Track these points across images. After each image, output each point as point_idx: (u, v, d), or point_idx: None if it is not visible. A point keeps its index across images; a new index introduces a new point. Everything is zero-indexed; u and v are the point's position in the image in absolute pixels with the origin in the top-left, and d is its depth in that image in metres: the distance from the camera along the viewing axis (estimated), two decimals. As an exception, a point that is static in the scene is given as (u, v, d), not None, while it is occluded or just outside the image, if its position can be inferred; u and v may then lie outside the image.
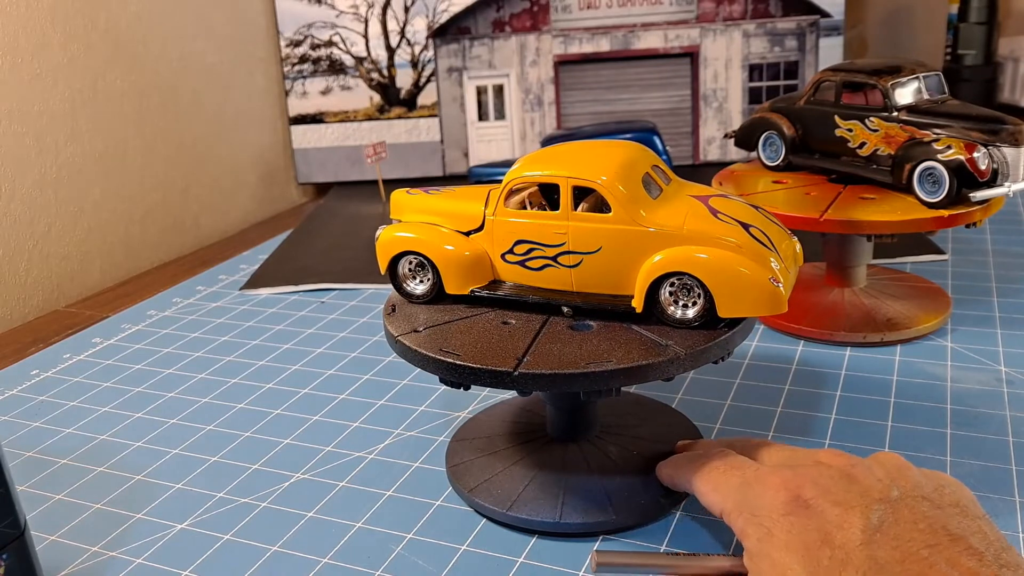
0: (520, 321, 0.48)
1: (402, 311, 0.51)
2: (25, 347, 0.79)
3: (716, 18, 1.15)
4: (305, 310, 0.82)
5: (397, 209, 0.54)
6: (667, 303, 0.46)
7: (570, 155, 0.50)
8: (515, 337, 0.46)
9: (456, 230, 0.51)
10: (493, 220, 0.49)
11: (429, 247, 0.50)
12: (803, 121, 0.73)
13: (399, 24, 1.19)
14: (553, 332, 0.47)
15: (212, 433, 0.61)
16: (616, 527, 0.48)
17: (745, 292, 0.44)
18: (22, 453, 0.60)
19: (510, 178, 0.49)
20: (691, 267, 0.45)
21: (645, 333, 0.46)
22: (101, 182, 0.98)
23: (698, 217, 0.46)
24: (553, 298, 0.48)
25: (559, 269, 0.48)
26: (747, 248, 0.45)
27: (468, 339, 0.47)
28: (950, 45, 1.20)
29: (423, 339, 0.47)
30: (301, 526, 0.50)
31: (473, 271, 0.50)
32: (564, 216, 0.47)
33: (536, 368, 0.43)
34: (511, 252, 0.49)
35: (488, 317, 0.49)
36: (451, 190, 0.53)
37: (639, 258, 0.46)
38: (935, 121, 0.65)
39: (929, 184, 0.64)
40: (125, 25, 0.99)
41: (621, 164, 0.47)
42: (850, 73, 0.70)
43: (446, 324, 0.49)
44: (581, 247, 0.47)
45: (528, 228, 0.48)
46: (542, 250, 0.48)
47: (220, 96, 1.14)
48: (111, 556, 0.48)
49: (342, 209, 1.13)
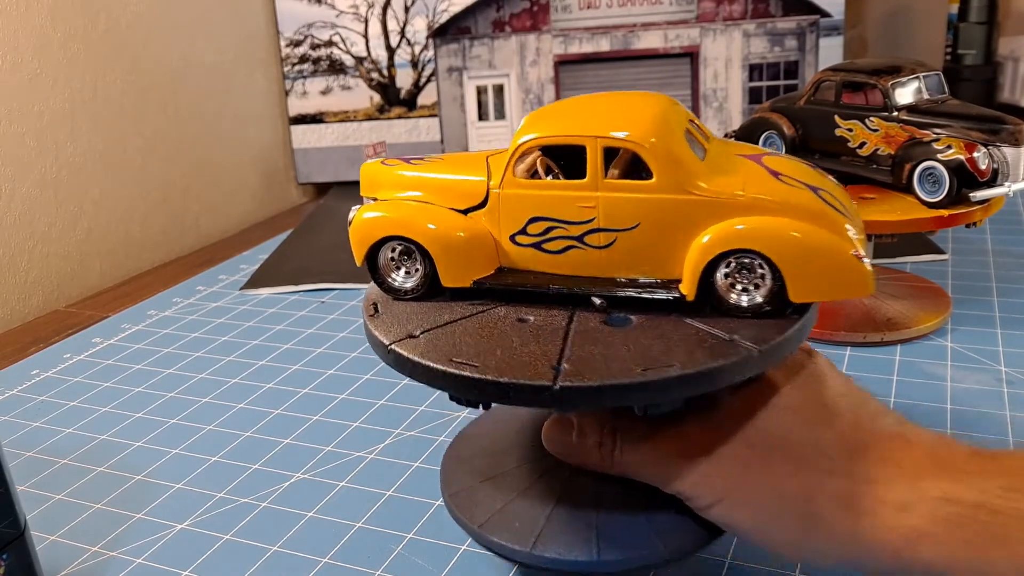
0: (540, 317, 0.40)
1: (388, 311, 0.42)
2: (25, 347, 0.79)
3: (716, 18, 1.15)
4: (305, 310, 0.82)
5: (370, 184, 0.44)
6: (724, 288, 0.38)
7: (590, 109, 0.42)
8: (540, 338, 0.38)
9: (450, 207, 0.42)
10: (500, 194, 0.40)
11: (418, 229, 0.41)
12: (803, 121, 0.73)
13: (399, 24, 1.19)
14: (585, 329, 0.38)
15: (212, 433, 0.61)
16: (666, 558, 0.39)
17: (824, 270, 0.37)
18: (22, 453, 0.60)
19: (520, 139, 0.40)
20: (758, 242, 0.37)
21: (701, 326, 0.38)
22: (101, 182, 0.98)
23: (758, 180, 0.39)
24: (580, 287, 0.40)
25: (586, 251, 0.39)
26: (822, 216, 0.37)
27: (482, 344, 0.38)
28: (950, 45, 1.20)
29: (424, 346, 0.38)
30: (301, 526, 0.50)
31: (475, 257, 0.41)
32: (593, 185, 0.39)
33: (580, 379, 0.35)
34: (523, 232, 0.40)
35: (498, 314, 0.40)
36: (438, 158, 0.45)
37: (688, 234, 0.38)
38: (935, 121, 0.65)
39: (929, 184, 0.64)
40: (125, 25, 0.99)
41: (659, 118, 0.39)
42: (850, 73, 0.70)
43: (448, 326, 0.40)
44: (615, 223, 0.39)
45: (546, 202, 0.40)
46: (564, 228, 0.39)
47: (220, 96, 1.14)
48: (111, 556, 0.48)
49: (342, 209, 1.13)
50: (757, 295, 0.38)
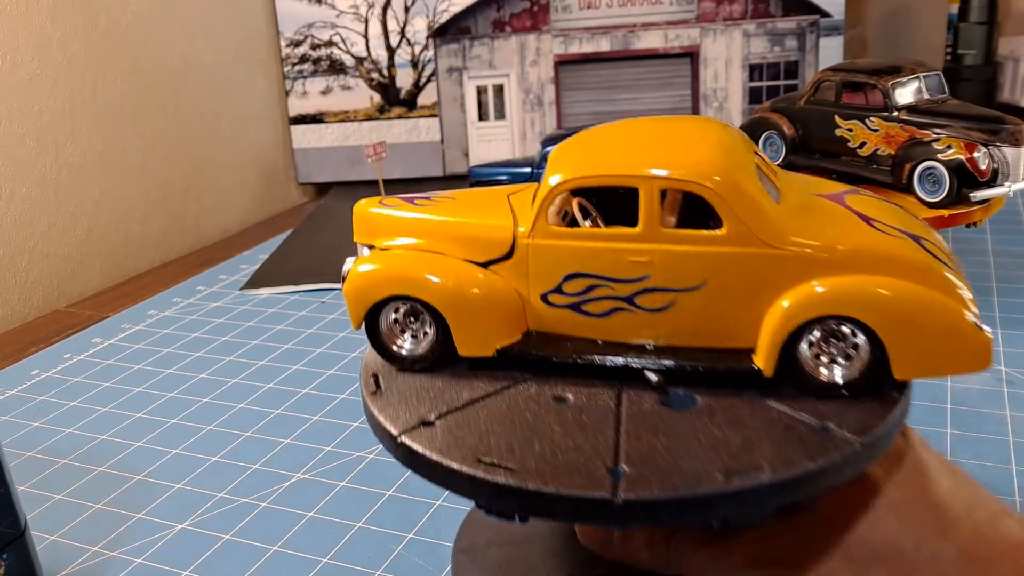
0: (581, 396, 0.33)
1: (393, 386, 0.35)
2: (25, 347, 0.79)
3: (716, 18, 1.15)
4: (305, 310, 0.82)
5: (366, 229, 0.38)
6: (809, 360, 0.32)
7: (635, 140, 0.35)
8: (587, 425, 0.31)
9: (466, 258, 0.35)
10: (530, 244, 0.34)
11: (428, 286, 0.34)
12: (803, 121, 0.73)
13: (399, 24, 1.19)
14: (640, 413, 0.32)
15: (212, 433, 0.61)
16: None
17: (935, 340, 0.31)
18: (22, 453, 0.60)
19: (559, 176, 0.33)
20: (856, 307, 0.31)
21: (784, 409, 0.31)
22: (101, 182, 0.98)
23: (850, 228, 0.32)
24: (630, 357, 0.33)
25: (636, 314, 0.33)
26: (929, 273, 0.31)
27: (515, 434, 0.31)
28: (950, 45, 1.20)
29: (444, 439, 0.31)
30: (301, 526, 0.50)
31: (498, 320, 0.34)
32: (647, 236, 0.32)
33: (647, 488, 0.28)
34: (558, 291, 0.34)
35: (528, 391, 0.33)
36: (448, 196, 0.38)
37: (766, 295, 0.32)
38: (935, 121, 0.65)
39: (929, 184, 0.64)
40: (125, 25, 0.99)
41: (723, 150, 0.33)
42: (850, 73, 0.70)
43: (469, 408, 0.33)
44: (674, 281, 0.32)
45: (588, 255, 0.33)
46: (610, 287, 0.33)
47: (220, 96, 1.14)
48: (111, 556, 0.48)
49: (342, 209, 1.13)
50: (851, 370, 0.32)
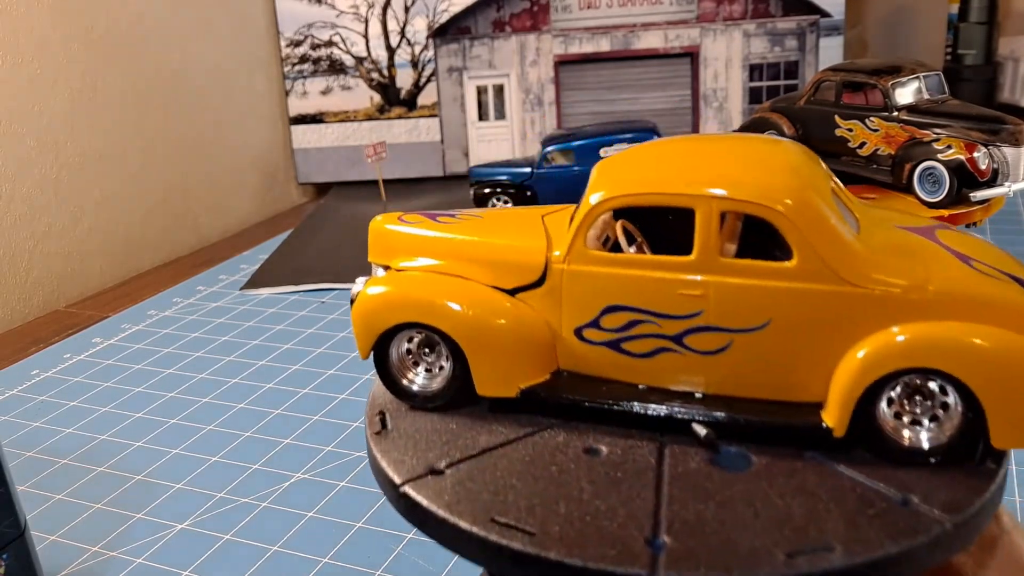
0: (616, 449, 0.28)
1: (401, 426, 0.31)
2: (25, 347, 0.79)
3: (716, 18, 1.15)
4: (305, 310, 0.82)
5: (382, 248, 0.34)
6: (888, 420, 0.27)
7: (692, 156, 0.31)
8: (621, 485, 0.26)
9: (491, 284, 0.31)
10: (565, 270, 0.29)
11: (445, 314, 0.30)
12: (803, 121, 0.73)
13: (399, 24, 1.19)
14: (686, 472, 0.27)
15: (212, 433, 0.61)
16: None
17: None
18: (22, 453, 0.60)
19: (601, 194, 0.29)
20: (951, 360, 0.26)
21: (857, 476, 0.26)
22: (101, 182, 0.98)
23: (943, 267, 0.28)
24: (675, 407, 0.28)
25: (685, 357, 0.28)
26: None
27: (537, 491, 0.26)
28: (950, 45, 1.20)
29: (453, 492, 0.27)
30: (301, 526, 0.50)
31: (524, 356, 0.30)
32: (703, 266, 0.28)
33: (694, 566, 0.23)
34: (594, 326, 0.29)
35: (556, 440, 0.29)
36: (475, 215, 0.34)
37: (840, 341, 0.27)
38: (935, 121, 0.65)
39: (929, 184, 0.64)
40: (125, 25, 0.99)
41: (796, 171, 0.29)
42: (850, 73, 0.70)
43: (486, 456, 0.28)
44: (732, 320, 0.28)
45: (631, 285, 0.28)
46: (656, 324, 0.28)
47: (220, 96, 1.14)
48: (111, 556, 0.48)
49: (342, 209, 1.13)
50: (939, 433, 0.27)
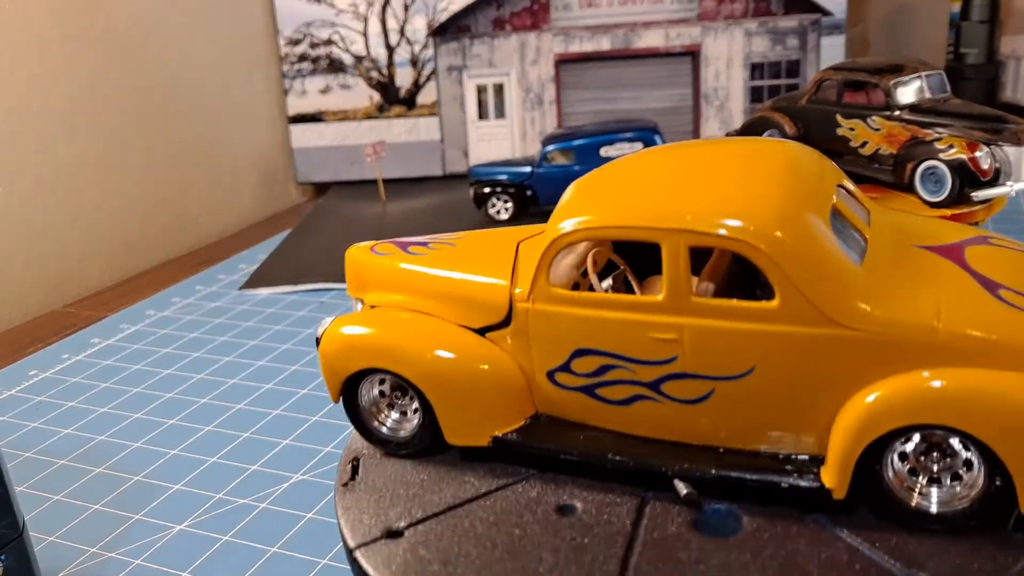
0: (592, 506, 0.26)
1: (371, 475, 0.29)
2: (23, 347, 0.78)
3: (717, 16, 1.15)
4: (304, 310, 0.81)
5: (356, 281, 0.32)
6: (899, 481, 0.24)
7: (677, 175, 0.27)
8: (586, 555, 0.24)
9: (459, 323, 0.28)
10: (531, 310, 0.26)
11: (409, 359, 0.28)
12: (805, 120, 0.72)
13: (399, 23, 1.19)
14: (663, 538, 0.24)
15: (211, 433, 0.60)
16: None
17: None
18: (20, 454, 0.60)
19: (561, 229, 0.26)
20: (965, 416, 0.22)
21: (858, 546, 0.23)
22: (100, 182, 0.97)
23: (962, 300, 0.24)
24: (656, 460, 0.25)
25: (665, 405, 0.25)
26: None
27: (490, 562, 0.24)
28: (952, 44, 1.20)
29: (402, 560, 0.25)
30: (301, 527, 0.50)
31: (495, 402, 0.27)
32: (673, 305, 0.24)
33: None
34: (566, 370, 0.27)
35: (529, 494, 0.26)
36: (450, 242, 0.31)
37: (837, 390, 0.23)
38: (937, 120, 0.65)
39: (931, 183, 0.64)
40: (124, 24, 0.99)
41: (787, 192, 0.24)
42: (852, 72, 0.70)
43: (450, 513, 0.26)
44: (710, 367, 0.24)
45: (599, 327, 0.25)
46: (629, 370, 0.25)
47: (219, 95, 1.13)
48: (110, 557, 0.48)
49: (341, 209, 1.13)
50: (958, 496, 0.23)
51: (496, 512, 0.26)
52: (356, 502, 0.28)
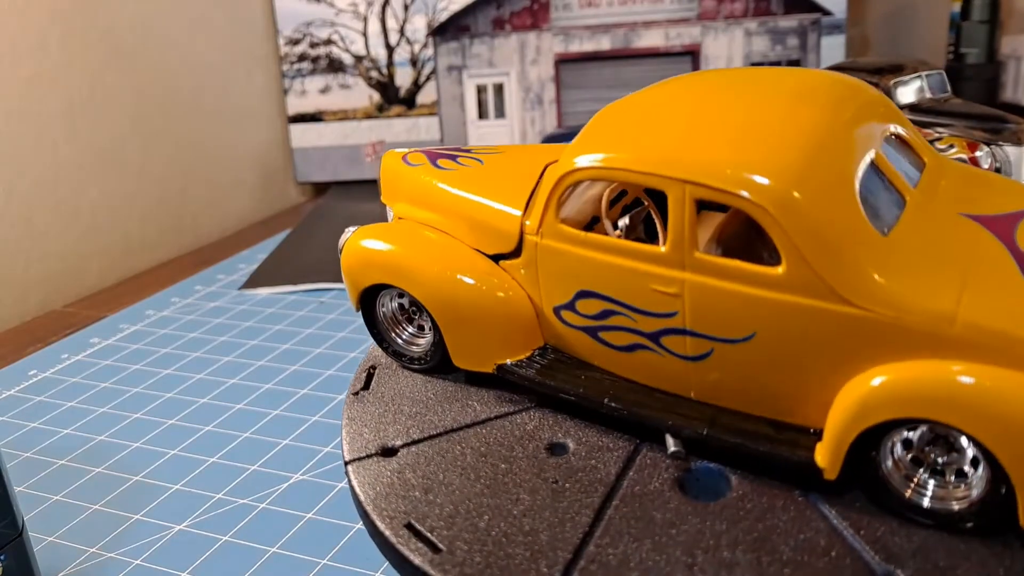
0: (582, 448, 0.25)
1: (380, 389, 0.30)
2: (23, 347, 0.78)
3: (717, 16, 1.15)
4: (304, 310, 0.81)
5: (390, 188, 0.32)
6: (896, 472, 0.22)
7: (700, 113, 0.24)
8: (562, 502, 0.23)
9: (475, 247, 0.27)
10: (539, 244, 0.25)
11: (418, 279, 0.27)
12: (805, 120, 0.72)
13: (398, 22, 1.19)
14: (641, 494, 0.23)
15: (211, 433, 0.60)
16: None
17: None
18: (20, 454, 0.60)
19: (571, 165, 0.25)
20: (970, 418, 0.20)
21: (841, 528, 0.21)
22: (99, 181, 0.97)
23: (993, 288, 0.21)
24: (649, 412, 0.24)
25: (665, 358, 0.24)
26: None
27: (469, 495, 0.24)
28: (952, 43, 1.20)
29: (388, 479, 0.25)
30: (300, 527, 0.50)
31: (502, 331, 0.27)
32: (676, 258, 0.23)
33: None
34: (571, 308, 0.26)
35: (526, 426, 0.26)
36: (482, 155, 0.30)
37: (841, 365, 0.22)
38: (937, 120, 0.64)
39: (932, 183, 0.64)
40: (124, 24, 0.99)
41: (815, 141, 0.22)
42: (852, 72, 0.69)
43: (445, 437, 0.26)
44: (711, 327, 0.23)
45: (601, 270, 0.24)
46: (630, 318, 0.24)
47: (219, 95, 1.13)
48: (109, 557, 0.48)
49: (341, 208, 1.13)
50: (957, 495, 0.21)
51: (489, 443, 0.25)
52: (361, 413, 0.28)
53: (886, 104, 0.25)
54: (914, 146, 0.25)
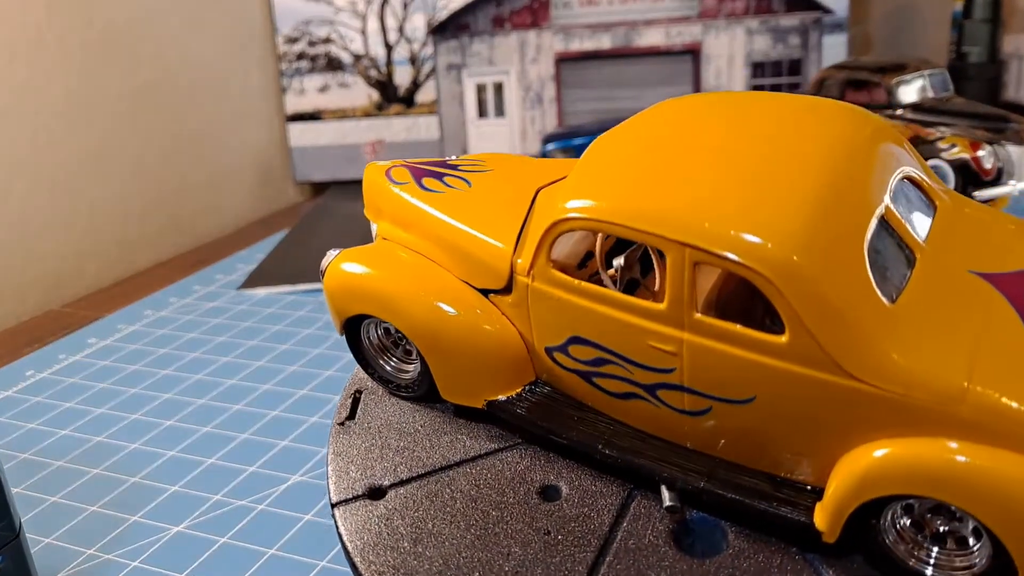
0: (575, 495, 0.24)
1: (367, 418, 0.28)
2: (20, 347, 0.78)
3: (718, 14, 1.15)
4: (303, 310, 0.81)
5: (372, 204, 0.30)
6: (899, 542, 0.21)
7: (702, 162, 0.23)
8: (555, 555, 0.22)
9: (463, 279, 0.26)
10: (530, 286, 0.24)
11: (403, 313, 0.26)
12: (806, 119, 0.72)
13: (398, 21, 1.18)
14: (635, 548, 0.22)
15: (209, 435, 0.60)
16: None
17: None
18: (17, 455, 0.59)
19: (564, 212, 0.23)
20: (975, 502, 0.19)
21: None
22: (97, 181, 0.97)
23: (1003, 365, 0.20)
24: (644, 462, 0.24)
25: (661, 410, 0.24)
26: None
27: (459, 547, 0.23)
28: (955, 42, 1.20)
29: (375, 527, 0.24)
30: (299, 529, 0.49)
31: (491, 367, 0.26)
32: (674, 317, 0.22)
33: None
34: (563, 352, 0.25)
35: (516, 467, 0.25)
36: (465, 176, 0.29)
37: (843, 435, 0.21)
38: (939, 119, 0.64)
39: (934, 182, 0.63)
40: (121, 23, 0.98)
41: (821, 204, 0.21)
42: (854, 71, 0.69)
43: (434, 476, 0.25)
44: (709, 387, 0.22)
45: (596, 321, 0.23)
46: (626, 369, 0.24)
47: (217, 94, 1.13)
48: (107, 559, 0.48)
49: (340, 208, 1.12)
50: (959, 566, 0.21)
51: (479, 485, 0.24)
52: (347, 447, 0.27)
53: (897, 139, 0.24)
54: (925, 188, 0.24)
